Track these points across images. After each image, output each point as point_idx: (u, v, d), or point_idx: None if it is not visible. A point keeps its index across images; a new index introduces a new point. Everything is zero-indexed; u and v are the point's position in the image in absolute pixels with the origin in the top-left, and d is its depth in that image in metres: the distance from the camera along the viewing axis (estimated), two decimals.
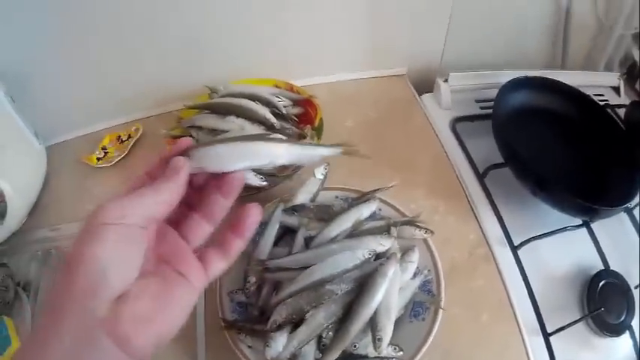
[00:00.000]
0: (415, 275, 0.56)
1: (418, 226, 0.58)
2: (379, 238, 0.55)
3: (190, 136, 0.71)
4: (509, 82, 0.74)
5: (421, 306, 0.56)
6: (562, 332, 0.61)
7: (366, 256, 0.52)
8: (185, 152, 0.32)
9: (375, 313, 0.50)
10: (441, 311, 0.54)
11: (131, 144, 0.78)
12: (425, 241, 0.59)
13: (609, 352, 0.65)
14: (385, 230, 0.57)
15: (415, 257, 0.56)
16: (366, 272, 0.52)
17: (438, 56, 0.80)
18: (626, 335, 0.65)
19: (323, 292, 0.51)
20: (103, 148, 0.79)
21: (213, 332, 0.54)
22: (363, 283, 0.52)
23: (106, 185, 0.73)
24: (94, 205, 0.27)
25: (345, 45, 0.84)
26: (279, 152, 0.35)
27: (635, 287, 0.69)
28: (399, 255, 0.55)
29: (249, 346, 0.51)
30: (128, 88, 0.79)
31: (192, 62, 0.78)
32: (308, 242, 0.57)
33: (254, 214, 0.33)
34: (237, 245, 0.33)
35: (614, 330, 0.65)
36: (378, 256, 0.55)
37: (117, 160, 0.76)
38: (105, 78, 0.77)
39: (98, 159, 0.77)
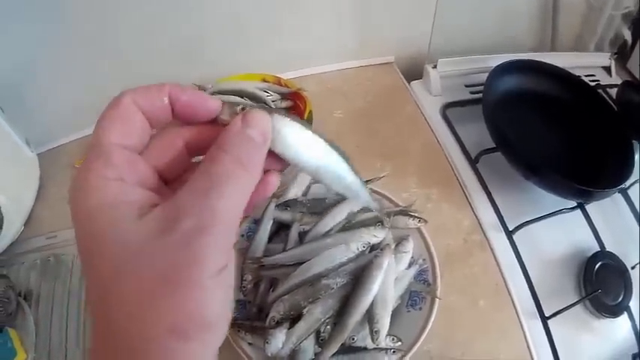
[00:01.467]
0: (410, 265, 0.57)
1: (411, 216, 0.58)
2: (372, 230, 0.55)
3: None
4: (498, 66, 0.73)
5: (418, 296, 0.56)
6: (560, 315, 0.61)
7: (361, 249, 0.52)
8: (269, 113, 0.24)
9: (372, 305, 0.50)
10: (437, 300, 0.54)
11: None
12: (419, 230, 0.59)
13: (608, 333, 0.65)
14: (378, 221, 0.57)
15: (409, 247, 0.57)
16: (361, 265, 0.52)
17: (425, 42, 0.79)
18: (624, 316, 0.65)
19: (319, 287, 0.51)
20: None
21: None
22: (359, 275, 0.52)
23: None
24: None
25: (332, 35, 0.83)
26: (353, 183, 0.29)
27: (632, 268, 0.69)
28: (393, 245, 0.55)
29: (250, 343, 0.52)
30: (118, 90, 0.78)
31: (181, 62, 0.77)
32: (302, 237, 0.57)
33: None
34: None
35: (612, 311, 0.65)
36: (372, 247, 0.55)
37: None
38: (94, 80, 0.75)
39: None
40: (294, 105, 0.72)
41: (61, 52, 0.69)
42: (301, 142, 0.26)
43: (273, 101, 0.71)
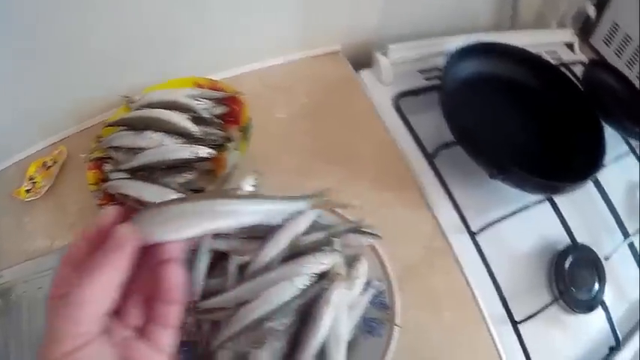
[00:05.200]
0: (366, 287, 0.51)
1: (363, 232, 0.53)
2: (319, 257, 0.48)
3: (109, 157, 0.64)
4: (455, 52, 0.67)
5: (375, 321, 0.51)
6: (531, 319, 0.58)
7: (306, 284, 0.47)
8: (127, 218, 0.28)
9: (324, 344, 0.45)
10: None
11: (57, 170, 0.71)
12: (372, 247, 0.53)
13: (582, 328, 0.64)
14: (326, 243, 0.51)
15: (363, 270, 0.51)
16: (308, 299, 0.47)
17: (374, 27, 0.71)
18: (599, 310, 0.63)
19: (263, 331, 0.45)
20: (31, 178, 0.71)
21: None
22: (306, 312, 0.46)
23: (39, 221, 0.66)
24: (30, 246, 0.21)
25: (271, 27, 0.74)
26: (245, 210, 0.31)
27: (606, 258, 0.66)
28: (344, 272, 0.49)
29: None
30: (45, 107, 0.71)
31: (108, 71, 0.69)
32: (243, 270, 0.51)
33: (173, 274, 0.29)
34: (173, 312, 0.29)
35: (586, 306, 0.63)
36: (322, 274, 0.50)
37: (45, 189, 0.68)
38: (18, 99, 0.67)
39: (27, 191, 0.69)
40: (231, 110, 0.64)
41: None
42: (163, 218, 0.29)
43: (205, 109, 0.63)
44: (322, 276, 0.49)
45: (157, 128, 0.60)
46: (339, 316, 0.46)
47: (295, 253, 0.51)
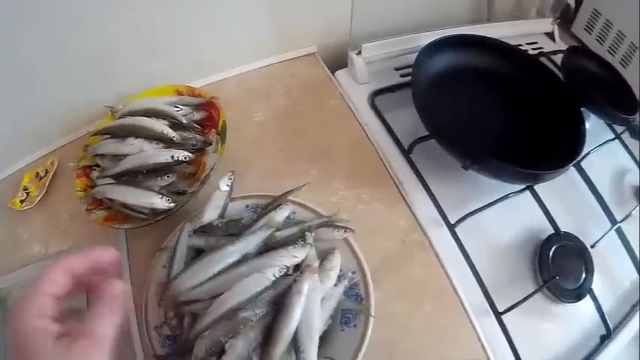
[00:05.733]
0: (339, 280, 0.52)
1: (336, 226, 0.53)
2: (292, 250, 0.50)
3: (96, 165, 0.66)
4: (426, 46, 0.67)
5: (350, 312, 0.51)
6: (515, 309, 0.57)
7: (277, 275, 0.48)
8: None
9: (296, 333, 0.46)
10: (373, 313, 0.50)
11: (49, 179, 0.73)
12: (346, 240, 0.54)
13: (571, 318, 0.62)
14: (300, 237, 0.52)
15: (336, 262, 0.52)
16: (281, 291, 0.48)
17: (349, 28, 0.72)
18: (587, 298, 0.62)
19: (238, 321, 0.46)
20: (25, 189, 0.74)
21: None
22: (280, 302, 0.47)
23: (33, 229, 0.68)
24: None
25: (247, 32, 0.76)
26: None
27: (592, 246, 0.65)
28: (316, 264, 0.50)
29: None
30: (36, 120, 0.74)
31: (93, 81, 0.72)
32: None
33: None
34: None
35: (574, 295, 0.62)
36: (297, 267, 0.51)
37: (38, 199, 0.71)
38: (8, 114, 0.71)
39: (21, 201, 0.72)
40: (209, 115, 0.66)
41: None
42: None
43: (184, 115, 0.65)
44: (296, 269, 0.51)
45: (138, 135, 0.63)
46: (310, 306, 0.47)
47: (269, 248, 0.52)
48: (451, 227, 0.61)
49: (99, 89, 0.72)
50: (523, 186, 0.64)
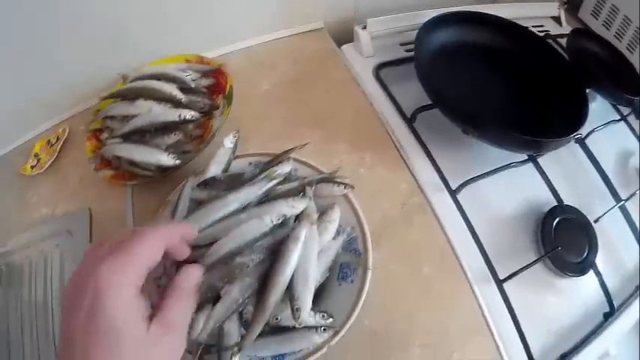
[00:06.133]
0: (338, 234, 0.52)
1: (335, 182, 0.54)
2: (291, 201, 0.50)
3: (107, 127, 0.68)
4: (431, 18, 0.69)
5: (348, 267, 0.51)
6: (517, 277, 0.57)
7: (275, 222, 0.48)
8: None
9: (292, 281, 0.46)
10: (370, 271, 0.50)
11: (59, 146, 0.75)
12: (346, 197, 0.54)
13: (574, 291, 0.62)
14: (300, 191, 0.53)
15: (335, 216, 0.52)
16: (279, 239, 0.48)
17: (355, 3, 0.74)
18: (591, 273, 0.61)
19: (234, 266, 0.47)
20: (36, 155, 0.76)
21: None
22: (276, 250, 0.47)
23: (42, 193, 0.70)
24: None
25: (256, 6, 0.78)
26: None
27: (596, 221, 0.64)
28: (315, 215, 0.51)
29: None
30: (49, 91, 0.76)
31: (106, 52, 0.74)
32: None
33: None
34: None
35: (577, 269, 0.61)
36: (296, 219, 0.51)
37: (48, 164, 0.73)
38: (23, 85, 0.73)
39: (32, 167, 0.74)
40: (217, 82, 0.68)
41: None
42: None
43: (193, 80, 0.67)
44: (296, 220, 0.51)
45: (147, 97, 0.65)
46: (307, 255, 0.47)
47: (270, 199, 0.53)
48: (452, 193, 0.61)
49: (111, 60, 0.74)
50: (525, 156, 0.64)
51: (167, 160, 0.59)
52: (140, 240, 0.31)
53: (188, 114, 0.61)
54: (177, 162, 0.59)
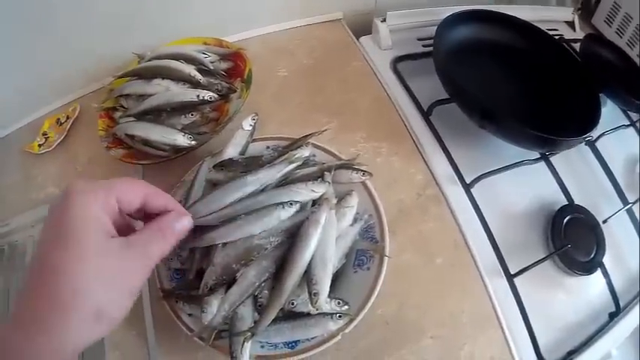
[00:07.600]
0: (355, 221, 0.52)
1: (354, 169, 0.54)
2: (310, 185, 0.50)
3: (121, 106, 0.67)
4: (452, 14, 0.69)
5: (365, 254, 0.51)
6: (527, 273, 0.57)
7: (295, 206, 0.48)
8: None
9: (310, 265, 0.46)
10: (386, 258, 0.49)
11: (69, 125, 0.74)
12: (364, 184, 0.54)
13: (581, 290, 0.62)
14: (319, 176, 0.53)
15: (353, 202, 0.52)
16: (297, 222, 0.48)
17: None
18: (598, 273, 0.62)
19: (251, 248, 0.46)
20: (44, 134, 0.75)
21: (158, 303, 0.51)
22: (295, 233, 0.47)
23: (49, 171, 0.69)
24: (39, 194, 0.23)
25: None
26: None
27: (604, 222, 0.65)
28: (333, 200, 0.50)
29: (190, 314, 0.47)
30: (60, 69, 0.75)
31: (121, 32, 0.73)
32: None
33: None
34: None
35: (585, 268, 0.61)
36: (314, 203, 0.51)
37: (57, 143, 0.72)
38: (35, 63, 0.72)
39: (39, 145, 0.73)
40: (235, 65, 0.68)
41: None
42: None
43: (212, 62, 0.66)
44: (314, 205, 0.51)
45: (165, 76, 0.64)
46: (326, 239, 0.47)
47: (288, 182, 0.53)
48: (466, 186, 0.61)
49: (125, 40, 0.73)
50: (538, 155, 0.65)
51: (183, 140, 0.59)
52: (116, 180, 0.33)
53: (207, 94, 0.60)
54: (193, 143, 0.59)
